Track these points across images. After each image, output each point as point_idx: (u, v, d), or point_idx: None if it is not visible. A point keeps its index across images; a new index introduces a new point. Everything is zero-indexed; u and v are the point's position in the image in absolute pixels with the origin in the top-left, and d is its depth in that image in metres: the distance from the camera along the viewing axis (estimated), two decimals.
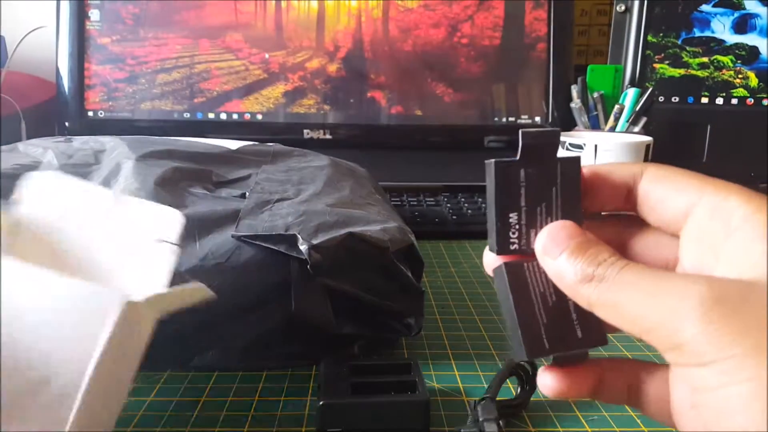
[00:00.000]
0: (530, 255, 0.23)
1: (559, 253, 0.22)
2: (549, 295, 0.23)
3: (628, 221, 0.25)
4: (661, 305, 0.19)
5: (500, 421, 0.35)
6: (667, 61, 0.93)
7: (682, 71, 0.93)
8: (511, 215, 0.24)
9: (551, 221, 0.24)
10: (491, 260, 0.24)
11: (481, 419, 0.35)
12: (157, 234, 0.32)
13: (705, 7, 0.91)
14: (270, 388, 0.40)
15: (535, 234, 0.23)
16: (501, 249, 0.24)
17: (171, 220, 0.33)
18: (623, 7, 0.93)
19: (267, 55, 0.90)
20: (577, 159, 0.24)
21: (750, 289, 0.18)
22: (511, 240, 0.24)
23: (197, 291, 0.30)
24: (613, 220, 0.25)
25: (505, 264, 0.24)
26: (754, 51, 0.91)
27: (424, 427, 0.36)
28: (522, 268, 0.24)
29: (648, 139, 0.73)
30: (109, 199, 0.34)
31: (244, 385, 0.40)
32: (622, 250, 0.24)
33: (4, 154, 0.56)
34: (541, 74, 0.92)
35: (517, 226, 0.24)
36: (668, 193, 0.22)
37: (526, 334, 0.24)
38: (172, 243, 0.32)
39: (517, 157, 0.23)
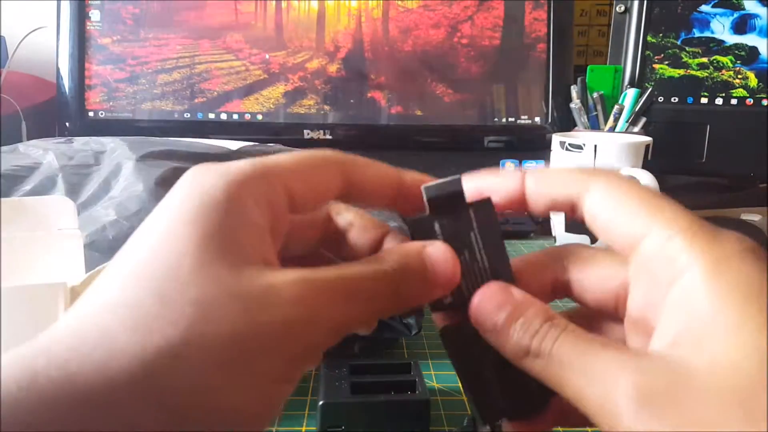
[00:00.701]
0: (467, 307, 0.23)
1: (491, 327, 0.22)
2: (495, 351, 0.22)
3: (573, 251, 0.24)
4: (597, 391, 0.19)
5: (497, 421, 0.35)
6: (666, 62, 0.93)
7: (681, 71, 0.93)
8: None
9: (479, 267, 0.23)
10: (435, 318, 0.24)
11: (475, 417, 0.35)
12: (57, 225, 0.33)
13: (704, 8, 0.91)
14: None
15: (466, 285, 0.23)
16: (435, 305, 0.23)
17: (65, 209, 0.33)
18: (623, 8, 0.93)
19: (267, 56, 0.90)
20: (488, 200, 0.23)
21: (680, 380, 0.18)
22: (443, 295, 0.23)
23: None
24: (556, 252, 0.24)
25: (442, 329, 0.23)
26: (753, 51, 0.91)
27: (424, 426, 0.36)
28: (460, 330, 0.23)
29: (647, 139, 0.73)
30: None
31: None
32: (569, 286, 0.24)
33: (5, 155, 0.56)
34: (541, 74, 0.92)
35: None
36: (618, 219, 0.21)
37: (477, 400, 0.23)
38: (73, 230, 0.33)
39: (426, 213, 0.23)
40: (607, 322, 0.24)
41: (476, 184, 0.24)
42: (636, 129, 0.85)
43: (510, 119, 0.92)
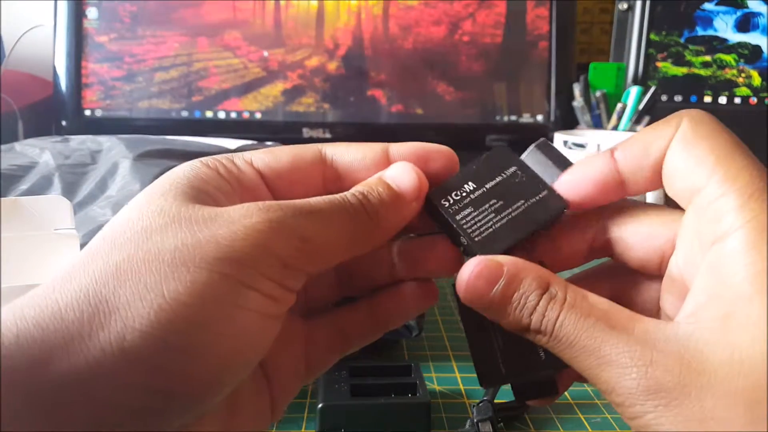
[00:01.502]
0: None
1: (486, 305, 0.21)
2: None
3: (615, 208, 0.23)
4: (606, 375, 0.18)
5: (499, 423, 0.35)
6: (669, 60, 0.92)
7: (684, 70, 0.92)
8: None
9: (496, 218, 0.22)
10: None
11: (476, 420, 0.35)
12: (53, 224, 0.33)
13: (707, 6, 0.91)
14: None
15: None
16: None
17: (61, 208, 0.33)
18: (626, 5, 0.93)
19: (266, 53, 0.89)
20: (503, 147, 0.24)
21: (691, 376, 0.17)
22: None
23: None
24: (596, 210, 0.23)
25: (456, 287, 0.23)
26: (756, 50, 0.91)
27: (424, 429, 0.36)
28: None
29: None
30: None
31: None
32: (610, 245, 0.23)
33: (2, 154, 0.56)
34: (543, 72, 0.91)
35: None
36: (685, 166, 0.20)
37: (479, 362, 0.23)
38: (69, 229, 0.32)
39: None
40: (641, 280, 0.23)
41: (568, 179, 0.23)
42: (639, 128, 0.84)
43: (512, 118, 0.92)
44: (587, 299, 0.20)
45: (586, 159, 0.22)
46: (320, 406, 0.35)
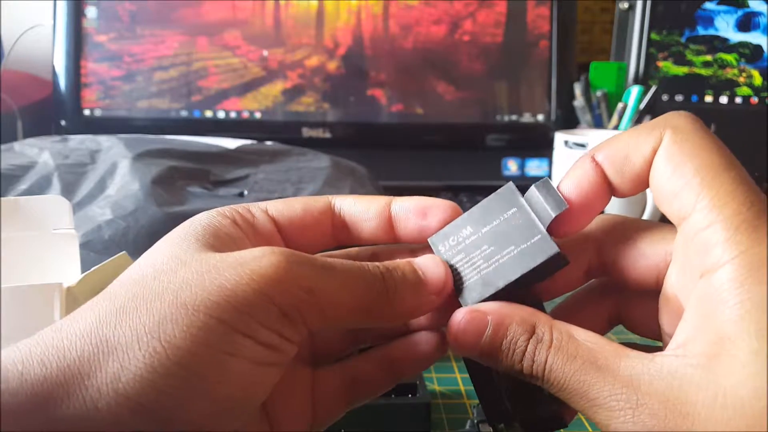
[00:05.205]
0: None
1: (477, 355, 0.21)
2: None
3: (606, 229, 0.23)
4: (598, 417, 0.18)
5: (500, 423, 0.35)
6: (670, 59, 0.92)
7: (685, 69, 0.92)
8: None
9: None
10: None
11: (476, 420, 0.35)
12: (52, 225, 0.33)
13: (708, 5, 0.91)
14: None
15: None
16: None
17: (60, 208, 0.33)
18: (627, 5, 0.93)
19: (265, 53, 0.89)
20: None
21: (676, 419, 0.17)
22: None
23: (121, 259, 0.30)
24: (588, 234, 0.23)
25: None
26: (757, 49, 0.91)
27: (424, 429, 0.36)
28: None
29: None
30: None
31: None
32: (605, 268, 0.23)
33: (1, 154, 0.56)
34: (544, 72, 0.91)
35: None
36: (671, 188, 0.19)
37: (485, 401, 0.23)
38: (68, 229, 0.32)
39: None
40: (640, 296, 0.23)
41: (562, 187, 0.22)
42: None
43: (512, 117, 0.92)
44: (573, 338, 0.19)
45: (569, 171, 0.22)
46: None
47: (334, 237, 0.24)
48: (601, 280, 0.24)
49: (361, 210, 0.24)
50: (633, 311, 0.24)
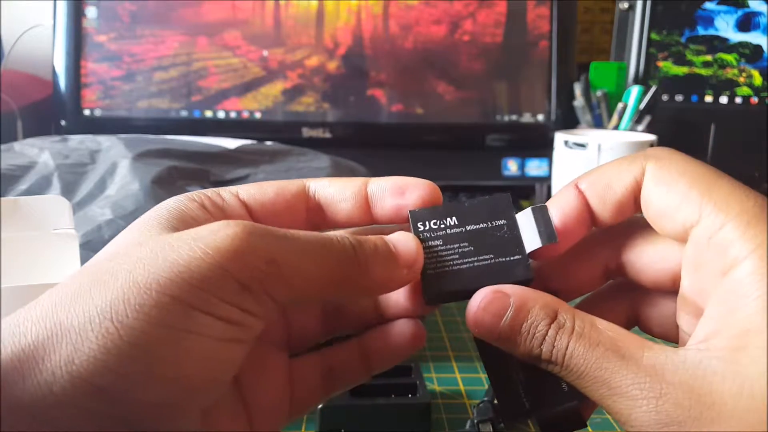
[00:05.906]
0: None
1: (495, 337, 0.21)
2: None
3: (625, 232, 0.23)
4: (619, 406, 0.18)
5: (500, 423, 0.35)
6: (670, 59, 0.92)
7: (685, 69, 0.92)
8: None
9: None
10: None
11: (476, 421, 0.35)
12: (52, 225, 0.33)
13: (708, 5, 0.91)
14: None
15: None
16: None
17: (60, 208, 0.33)
18: (627, 5, 0.93)
19: (265, 53, 0.89)
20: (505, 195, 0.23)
21: (701, 409, 0.17)
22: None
23: None
24: (606, 234, 0.23)
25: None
26: (757, 49, 0.91)
27: (424, 429, 0.36)
28: None
29: (652, 137, 0.72)
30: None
31: None
32: (623, 269, 0.23)
33: (1, 154, 0.56)
34: (544, 72, 0.91)
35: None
36: (669, 205, 0.20)
37: (500, 396, 0.22)
38: (68, 229, 0.32)
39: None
40: (657, 296, 0.23)
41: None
42: (640, 127, 0.84)
43: (512, 117, 0.92)
44: (596, 326, 0.20)
45: (554, 197, 0.23)
46: (320, 406, 0.35)
47: (308, 220, 0.23)
48: (618, 281, 0.24)
49: (337, 191, 0.23)
50: (650, 312, 0.24)
